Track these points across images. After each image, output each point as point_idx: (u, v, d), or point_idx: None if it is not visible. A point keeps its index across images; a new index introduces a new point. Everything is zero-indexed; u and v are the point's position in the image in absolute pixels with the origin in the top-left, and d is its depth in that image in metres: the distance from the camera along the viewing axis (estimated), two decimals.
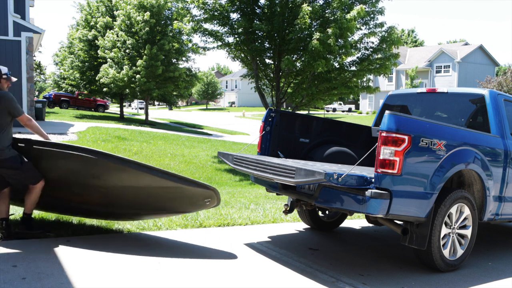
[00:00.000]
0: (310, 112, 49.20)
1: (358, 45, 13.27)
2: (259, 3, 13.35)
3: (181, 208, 4.57)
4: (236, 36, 13.34)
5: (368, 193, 3.60)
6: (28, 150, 4.30)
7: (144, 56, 22.16)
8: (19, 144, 4.33)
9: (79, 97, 34.41)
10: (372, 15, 12.77)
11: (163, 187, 4.12)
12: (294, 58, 12.87)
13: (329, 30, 11.29)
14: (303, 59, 12.28)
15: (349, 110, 59.20)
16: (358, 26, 12.43)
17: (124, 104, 33.89)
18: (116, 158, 4.04)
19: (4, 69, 4.32)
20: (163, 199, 4.33)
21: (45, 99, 28.67)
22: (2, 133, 4.18)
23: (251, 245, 4.76)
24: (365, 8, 11.85)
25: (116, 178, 4.09)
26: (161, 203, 4.39)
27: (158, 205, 4.41)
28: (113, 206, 4.47)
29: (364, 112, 53.91)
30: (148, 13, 22.39)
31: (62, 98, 34.31)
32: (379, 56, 13.29)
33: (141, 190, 4.17)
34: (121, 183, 4.13)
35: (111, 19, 26.13)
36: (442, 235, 4.09)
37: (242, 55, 14.14)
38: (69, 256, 3.92)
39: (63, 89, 32.72)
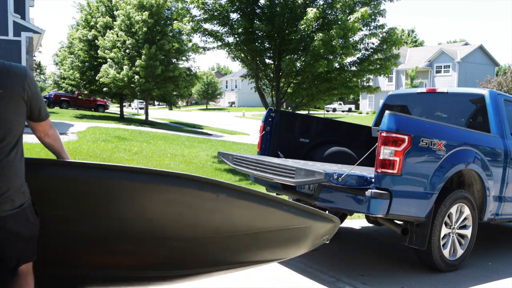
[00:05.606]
0: (310, 112, 49.14)
1: (358, 45, 13.28)
2: (259, 3, 13.35)
3: (281, 255, 2.80)
4: (236, 36, 13.33)
5: (368, 193, 3.60)
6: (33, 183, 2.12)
7: (143, 56, 22.16)
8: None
9: (79, 97, 34.42)
10: (373, 17, 12.79)
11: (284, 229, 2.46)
12: (294, 58, 12.88)
13: (333, 32, 11.30)
14: (303, 59, 12.28)
15: (349, 110, 59.20)
16: (360, 27, 12.45)
17: (124, 104, 33.89)
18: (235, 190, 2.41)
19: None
20: (268, 244, 2.60)
21: (45, 99, 28.60)
22: (16, 153, 2.05)
23: None
24: (368, 11, 11.87)
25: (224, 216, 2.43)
26: (263, 253, 2.64)
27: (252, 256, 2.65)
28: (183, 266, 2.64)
29: (364, 112, 53.91)
30: (146, 12, 22.40)
31: (62, 98, 34.31)
32: (379, 56, 13.30)
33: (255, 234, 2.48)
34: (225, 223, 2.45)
35: (111, 19, 26.15)
36: (442, 235, 4.09)
37: (242, 55, 14.13)
38: None
39: (63, 89, 32.76)
